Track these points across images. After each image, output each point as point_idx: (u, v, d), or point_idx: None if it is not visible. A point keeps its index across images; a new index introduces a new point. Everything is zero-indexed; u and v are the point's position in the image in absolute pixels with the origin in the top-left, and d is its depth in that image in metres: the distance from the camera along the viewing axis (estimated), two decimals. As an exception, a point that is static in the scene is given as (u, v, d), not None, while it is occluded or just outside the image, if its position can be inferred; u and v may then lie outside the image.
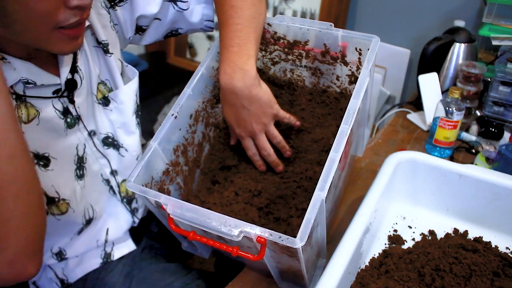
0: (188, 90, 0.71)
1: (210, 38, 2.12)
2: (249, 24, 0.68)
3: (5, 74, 0.56)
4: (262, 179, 0.77)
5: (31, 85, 0.62)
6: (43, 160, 0.68)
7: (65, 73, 0.66)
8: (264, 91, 0.70)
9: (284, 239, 0.53)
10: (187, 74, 0.78)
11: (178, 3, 0.76)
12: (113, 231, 0.84)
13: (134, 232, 0.88)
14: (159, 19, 0.78)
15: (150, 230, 0.94)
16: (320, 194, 0.56)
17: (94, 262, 0.82)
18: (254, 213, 0.72)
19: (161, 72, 2.27)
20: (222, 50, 0.69)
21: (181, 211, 0.58)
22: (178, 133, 0.72)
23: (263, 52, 0.83)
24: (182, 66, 2.23)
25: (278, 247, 0.55)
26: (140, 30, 0.79)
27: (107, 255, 0.84)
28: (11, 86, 0.60)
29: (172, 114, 0.69)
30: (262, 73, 0.86)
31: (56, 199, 0.70)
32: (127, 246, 0.86)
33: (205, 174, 0.81)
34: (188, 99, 0.71)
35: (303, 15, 1.78)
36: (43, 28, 0.54)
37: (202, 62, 0.74)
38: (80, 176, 0.74)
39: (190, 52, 2.22)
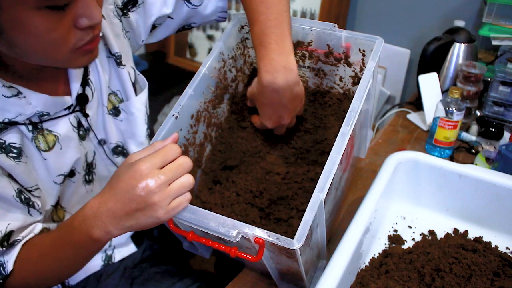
0: (189, 90, 0.71)
1: (210, 38, 2.12)
2: (282, 18, 0.66)
3: (21, 110, 0.58)
4: (263, 180, 0.77)
5: (45, 116, 0.63)
6: (71, 174, 0.70)
7: (75, 89, 0.66)
8: (301, 88, 0.69)
9: (281, 240, 0.53)
10: (187, 74, 0.78)
11: (192, 1, 0.75)
12: (117, 237, 0.84)
13: (136, 235, 0.88)
14: (171, 18, 0.77)
15: (151, 232, 0.94)
16: (319, 195, 0.56)
17: (95, 265, 0.82)
18: (255, 213, 0.73)
19: (161, 72, 2.27)
20: (259, 48, 0.66)
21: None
22: (179, 133, 0.72)
23: None
24: (182, 66, 2.23)
25: (277, 248, 0.55)
26: (152, 28, 0.78)
27: (108, 257, 0.84)
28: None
29: (173, 115, 0.69)
30: None
31: (58, 206, 0.71)
32: (128, 249, 0.86)
33: (206, 174, 0.81)
34: (189, 99, 0.71)
35: (303, 15, 1.78)
36: (60, 53, 0.54)
37: (204, 62, 0.74)
38: (88, 181, 0.74)
39: (190, 52, 2.22)
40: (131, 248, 0.87)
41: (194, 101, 0.74)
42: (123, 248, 0.86)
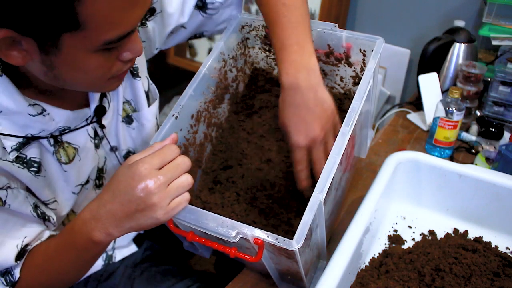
0: (189, 90, 0.71)
1: (210, 38, 2.12)
2: (304, 21, 0.66)
3: (44, 126, 0.59)
4: (264, 180, 0.77)
5: (67, 130, 0.63)
6: (87, 182, 0.70)
7: (95, 101, 0.66)
8: (327, 94, 0.65)
9: (280, 241, 0.53)
10: (187, 74, 0.78)
11: (208, 10, 0.76)
12: (120, 239, 0.84)
13: (137, 236, 0.88)
14: (185, 27, 0.78)
15: (153, 233, 0.94)
16: (318, 196, 0.56)
17: (95, 264, 0.82)
18: (256, 214, 0.73)
19: (161, 72, 2.27)
20: (280, 50, 0.65)
21: (179, 212, 0.58)
22: (179, 134, 0.72)
23: (267, 52, 0.83)
24: (182, 66, 2.23)
25: (276, 248, 0.55)
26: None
27: (109, 257, 0.84)
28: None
29: (173, 115, 0.69)
30: (266, 73, 0.86)
31: (70, 211, 0.71)
32: (129, 249, 0.87)
33: (206, 174, 0.81)
34: (189, 99, 0.71)
35: (303, 15, 1.78)
36: (100, 82, 0.56)
37: (204, 62, 0.74)
38: (98, 186, 0.75)
39: (190, 52, 2.22)
40: (132, 248, 0.87)
41: (194, 101, 0.74)
42: (124, 249, 0.86)
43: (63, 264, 0.62)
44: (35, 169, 0.60)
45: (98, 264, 0.83)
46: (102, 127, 0.69)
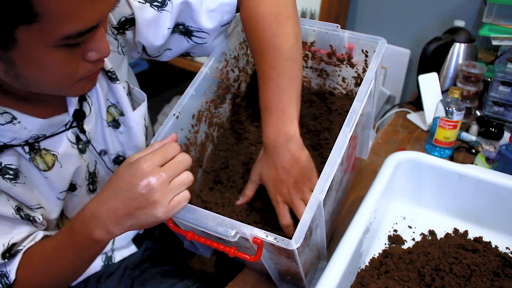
0: (190, 90, 0.71)
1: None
2: (291, 85, 0.66)
3: (15, 135, 0.57)
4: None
5: (41, 138, 0.61)
6: (72, 188, 0.69)
7: (73, 105, 0.64)
8: (306, 156, 0.67)
9: (279, 241, 0.53)
10: (187, 74, 0.77)
11: (193, 38, 0.74)
12: (119, 240, 0.84)
13: (137, 237, 0.88)
14: (170, 49, 0.76)
15: (153, 233, 0.94)
16: (317, 196, 0.56)
17: (95, 265, 0.82)
18: (256, 214, 0.73)
19: (161, 72, 2.27)
20: (264, 112, 0.67)
21: (178, 211, 0.58)
22: (180, 133, 0.72)
23: None
24: (182, 66, 2.22)
25: (276, 248, 0.55)
26: (150, 55, 0.77)
27: (108, 258, 0.84)
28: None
29: (174, 114, 0.69)
30: None
31: (63, 216, 0.71)
32: (128, 249, 0.86)
33: (207, 173, 0.81)
34: (190, 99, 0.71)
35: (303, 15, 1.78)
36: (66, 84, 0.54)
37: (205, 62, 0.74)
38: (92, 191, 0.74)
39: (190, 52, 2.22)
40: (131, 249, 0.87)
41: (196, 100, 0.74)
42: (123, 249, 0.86)
43: (62, 263, 0.61)
44: (11, 177, 0.58)
45: (98, 265, 0.83)
46: (83, 131, 0.67)
